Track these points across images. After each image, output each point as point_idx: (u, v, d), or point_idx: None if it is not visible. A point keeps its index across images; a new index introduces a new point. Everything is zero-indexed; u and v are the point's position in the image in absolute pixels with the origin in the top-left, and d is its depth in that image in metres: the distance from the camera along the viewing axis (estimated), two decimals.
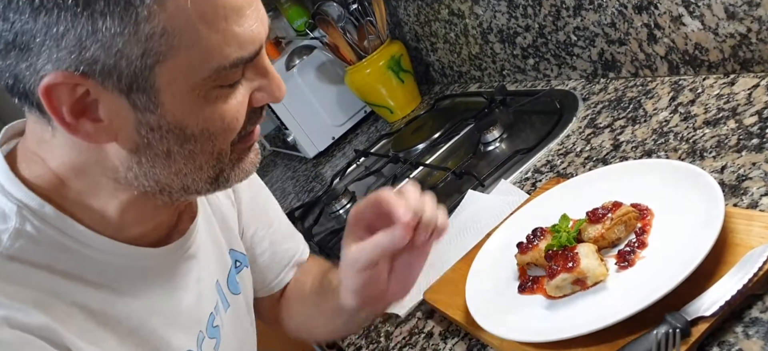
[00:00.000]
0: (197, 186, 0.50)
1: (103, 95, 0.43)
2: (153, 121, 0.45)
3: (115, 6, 0.40)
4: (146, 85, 0.43)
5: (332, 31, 1.37)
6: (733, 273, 0.49)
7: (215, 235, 0.65)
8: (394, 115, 1.44)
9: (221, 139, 0.48)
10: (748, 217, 0.54)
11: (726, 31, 0.74)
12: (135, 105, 0.44)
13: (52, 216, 0.48)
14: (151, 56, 0.42)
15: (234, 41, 0.44)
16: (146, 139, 0.46)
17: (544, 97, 1.02)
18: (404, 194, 0.54)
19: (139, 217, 0.52)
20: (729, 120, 0.69)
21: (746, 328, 0.47)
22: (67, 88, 0.42)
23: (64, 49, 0.41)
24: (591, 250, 0.57)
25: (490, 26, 1.15)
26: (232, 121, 0.48)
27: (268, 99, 0.50)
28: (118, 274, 0.51)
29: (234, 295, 0.67)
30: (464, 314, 0.64)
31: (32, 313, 0.45)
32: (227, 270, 0.67)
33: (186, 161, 0.48)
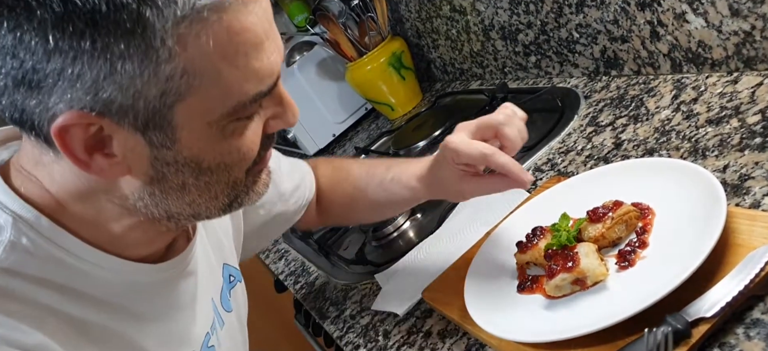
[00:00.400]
0: (209, 213, 0.50)
1: (117, 132, 0.42)
2: (169, 156, 0.44)
3: (135, 49, 0.39)
4: (163, 122, 0.42)
5: (333, 27, 1.37)
6: (735, 274, 0.48)
7: (209, 251, 0.64)
8: (395, 112, 1.43)
9: (237, 169, 0.48)
10: (750, 218, 0.53)
11: (730, 28, 0.73)
12: (151, 142, 0.43)
13: (48, 229, 0.47)
14: (170, 96, 0.41)
15: (253, 77, 0.44)
16: (161, 172, 0.45)
17: (546, 95, 1.01)
18: (508, 139, 0.60)
19: (140, 240, 0.51)
20: (732, 119, 0.68)
21: (747, 330, 0.46)
22: (81, 128, 0.41)
23: (78, 90, 0.40)
24: (591, 249, 0.57)
25: (492, 23, 1.14)
26: (249, 152, 0.47)
27: (282, 125, 0.50)
28: (114, 289, 0.50)
29: (227, 313, 0.66)
30: (463, 313, 0.63)
31: (29, 331, 0.44)
32: (220, 287, 0.65)
33: (201, 193, 0.47)
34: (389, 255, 0.89)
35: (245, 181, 0.50)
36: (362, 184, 0.77)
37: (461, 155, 0.61)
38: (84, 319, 0.48)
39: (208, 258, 0.64)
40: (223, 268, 0.67)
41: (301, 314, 1.07)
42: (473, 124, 0.62)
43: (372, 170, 0.76)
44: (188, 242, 0.58)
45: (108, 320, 0.50)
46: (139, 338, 0.52)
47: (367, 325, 0.78)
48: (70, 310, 0.47)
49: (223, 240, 0.69)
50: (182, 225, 0.52)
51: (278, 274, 1.10)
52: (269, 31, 0.45)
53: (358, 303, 0.84)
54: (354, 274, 0.91)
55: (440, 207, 0.92)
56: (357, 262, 0.92)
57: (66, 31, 0.38)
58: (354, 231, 1.04)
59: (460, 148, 0.61)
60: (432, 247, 0.82)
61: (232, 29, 0.42)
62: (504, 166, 0.60)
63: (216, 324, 0.62)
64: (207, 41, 0.41)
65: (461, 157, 0.61)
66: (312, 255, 1.05)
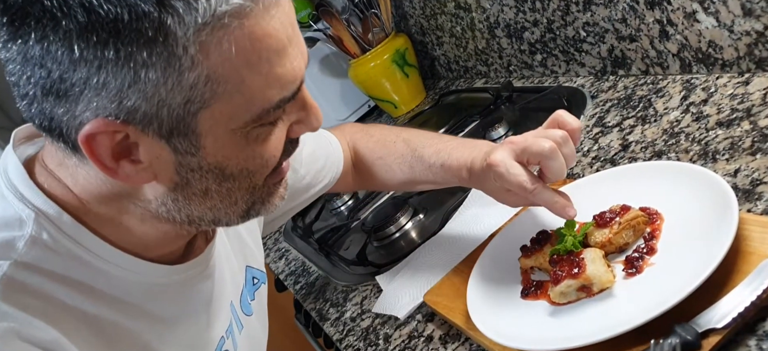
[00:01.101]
0: (229, 219, 0.50)
1: (142, 139, 0.43)
2: (194, 163, 0.45)
3: (157, 57, 0.39)
4: (188, 130, 0.43)
5: (336, 23, 1.35)
6: (747, 283, 0.47)
7: (229, 254, 0.64)
8: (398, 110, 1.42)
9: (259, 175, 0.48)
10: (762, 224, 0.51)
11: (742, 28, 0.71)
12: (176, 149, 0.44)
13: (69, 226, 0.47)
14: (194, 104, 0.42)
15: (276, 83, 0.44)
16: (186, 179, 0.46)
17: (552, 94, 0.99)
18: (551, 172, 0.60)
19: (160, 241, 0.52)
20: (743, 121, 0.66)
21: (760, 342, 0.45)
22: (107, 135, 0.42)
23: (104, 98, 0.40)
24: (597, 255, 0.55)
25: (498, 20, 1.12)
26: (271, 158, 0.48)
27: (305, 130, 0.50)
28: (131, 289, 0.51)
29: (247, 316, 0.66)
30: (465, 318, 0.62)
31: (44, 326, 0.44)
32: (240, 290, 0.65)
33: (222, 199, 0.48)
34: (391, 256, 0.88)
35: (262, 189, 0.50)
36: (407, 164, 0.77)
37: (503, 182, 0.62)
38: (99, 318, 0.48)
39: (229, 260, 0.64)
40: (245, 270, 0.67)
41: (301, 314, 1.06)
42: (520, 145, 0.62)
43: (419, 151, 0.76)
44: (207, 244, 0.58)
45: (124, 320, 0.50)
46: (153, 339, 0.52)
47: (368, 328, 0.77)
48: (86, 308, 0.47)
49: (248, 240, 0.69)
50: (202, 228, 0.52)
51: (278, 273, 1.09)
52: (292, 36, 0.45)
53: (358, 305, 0.83)
54: (355, 275, 0.90)
55: (443, 208, 0.90)
56: (358, 263, 0.91)
57: (90, 40, 0.38)
58: (356, 231, 1.03)
59: (504, 175, 0.62)
60: (434, 248, 0.81)
61: (254, 35, 0.41)
62: (546, 203, 0.61)
63: (233, 327, 0.62)
64: (229, 48, 0.41)
65: (503, 183, 0.62)
66: (312, 254, 1.04)
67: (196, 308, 0.57)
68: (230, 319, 0.62)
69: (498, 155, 0.62)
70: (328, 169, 0.80)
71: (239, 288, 0.65)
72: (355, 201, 1.13)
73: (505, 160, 0.62)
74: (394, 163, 0.79)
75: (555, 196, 0.60)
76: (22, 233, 0.46)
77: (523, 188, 0.60)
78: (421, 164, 0.76)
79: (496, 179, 0.63)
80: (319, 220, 1.15)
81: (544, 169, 0.61)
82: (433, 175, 0.75)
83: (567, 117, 0.62)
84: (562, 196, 0.61)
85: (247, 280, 0.67)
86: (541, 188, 0.60)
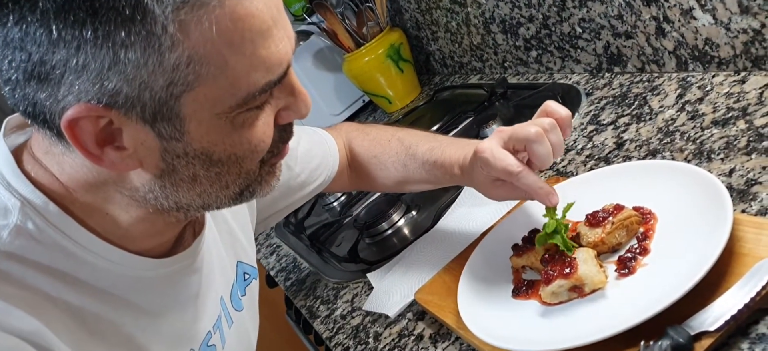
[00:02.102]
0: (219, 203, 0.49)
1: (126, 124, 0.42)
2: (179, 148, 0.44)
3: (136, 36, 0.39)
4: (171, 114, 0.42)
5: (330, 16, 1.34)
6: (740, 285, 0.46)
7: (220, 248, 0.63)
8: (392, 105, 1.40)
9: (248, 160, 0.47)
10: (757, 226, 0.51)
11: (739, 26, 0.70)
12: (160, 134, 0.43)
13: (55, 216, 0.46)
14: (177, 86, 0.41)
15: (261, 66, 0.43)
16: (172, 165, 0.45)
17: (546, 91, 0.98)
18: (536, 157, 0.59)
19: (147, 232, 0.51)
20: (739, 120, 0.65)
21: (753, 345, 0.44)
22: (91, 120, 0.41)
23: (85, 81, 0.40)
24: (590, 255, 0.54)
25: (493, 16, 1.11)
26: (260, 143, 0.47)
27: (294, 116, 0.49)
28: (116, 282, 0.50)
29: (237, 311, 0.65)
30: (456, 318, 0.61)
31: (25, 317, 0.44)
32: (231, 285, 0.65)
33: (212, 183, 0.47)
34: (383, 253, 0.87)
35: (259, 172, 0.49)
36: (401, 163, 0.77)
37: (489, 168, 0.62)
38: (83, 309, 0.48)
39: (220, 255, 0.63)
40: (237, 265, 0.66)
41: (292, 310, 1.05)
42: (507, 132, 0.61)
43: (413, 149, 0.76)
44: (195, 238, 0.57)
45: (108, 312, 0.49)
46: (137, 332, 0.51)
47: (358, 326, 0.76)
48: (69, 299, 0.47)
49: (240, 236, 0.68)
50: (191, 215, 0.51)
51: (269, 269, 1.08)
52: (278, 18, 0.44)
53: (349, 302, 0.82)
54: (346, 273, 0.89)
55: (436, 205, 0.89)
56: (349, 260, 0.90)
57: (67, 20, 0.38)
58: (348, 227, 1.02)
59: (489, 161, 0.61)
60: (426, 246, 0.80)
61: (235, 15, 0.41)
62: (529, 188, 0.60)
63: (222, 322, 0.61)
64: (210, 27, 0.40)
65: (489, 169, 0.62)
66: (304, 251, 1.03)
67: (182, 302, 0.56)
68: (219, 314, 0.61)
69: (485, 143, 0.62)
70: (323, 167, 0.79)
71: (229, 283, 0.64)
72: (348, 197, 1.12)
73: (491, 147, 0.61)
74: (388, 162, 0.78)
75: (540, 182, 0.60)
76: (7, 222, 0.45)
77: (509, 172, 0.60)
78: (414, 162, 0.75)
79: (483, 167, 0.62)
80: (312, 217, 1.14)
81: (531, 154, 0.60)
82: (427, 173, 0.74)
83: (556, 106, 0.61)
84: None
85: (238, 275, 0.66)
86: (526, 172, 0.60)
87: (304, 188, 0.78)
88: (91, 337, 0.48)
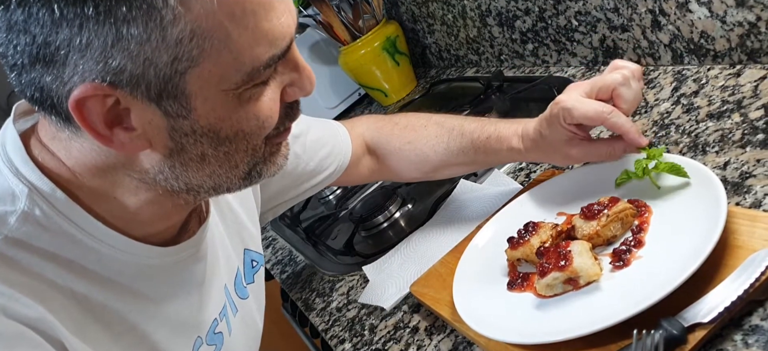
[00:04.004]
0: (230, 184, 0.49)
1: (133, 104, 0.42)
2: (186, 126, 0.44)
3: (137, 10, 0.39)
4: (177, 91, 0.42)
5: (326, 9, 1.33)
6: (734, 277, 0.46)
7: (224, 237, 0.63)
8: (388, 98, 1.40)
9: (256, 137, 0.47)
10: (751, 218, 0.51)
11: (734, 19, 0.70)
12: (166, 112, 0.43)
13: (62, 203, 0.46)
14: (181, 62, 0.41)
15: (264, 39, 0.43)
16: (180, 144, 0.45)
17: (542, 85, 0.98)
18: (625, 101, 0.58)
19: (155, 216, 0.51)
20: (733, 113, 0.66)
21: (746, 337, 0.44)
22: (98, 100, 0.41)
23: (89, 60, 0.40)
24: (585, 248, 0.55)
25: (489, 9, 1.11)
26: (267, 119, 0.47)
27: (299, 94, 0.49)
28: (122, 270, 0.50)
29: (242, 300, 0.65)
30: (451, 310, 0.61)
31: (30, 303, 0.44)
32: (235, 273, 0.64)
33: (221, 163, 0.47)
34: (378, 246, 0.87)
35: (264, 150, 0.49)
36: (443, 146, 0.74)
37: (575, 115, 0.58)
38: (89, 297, 0.48)
39: (224, 243, 0.63)
40: (244, 253, 0.66)
41: (288, 303, 1.05)
42: (588, 83, 0.60)
43: (458, 129, 0.73)
44: (200, 226, 0.57)
45: (114, 300, 0.49)
46: (143, 320, 0.52)
47: (353, 319, 0.76)
48: (75, 287, 0.47)
49: (248, 224, 0.68)
50: (201, 198, 0.51)
51: (265, 262, 1.08)
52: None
53: (345, 295, 0.82)
54: (342, 265, 0.89)
55: (431, 198, 0.89)
56: (345, 253, 0.90)
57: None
58: (343, 220, 1.02)
59: (575, 106, 0.58)
60: (422, 239, 0.80)
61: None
62: (622, 127, 0.58)
63: (227, 310, 0.61)
64: (212, 1, 0.40)
65: (575, 116, 0.59)
66: (300, 244, 1.03)
67: (187, 290, 0.56)
68: (224, 302, 0.61)
69: (564, 94, 0.60)
70: (334, 156, 0.78)
71: (234, 271, 0.64)
72: (344, 190, 1.12)
73: (574, 96, 0.59)
74: (426, 147, 0.76)
75: (629, 122, 0.58)
76: (15, 209, 0.45)
77: (599, 111, 0.57)
78: (460, 141, 0.73)
79: (566, 117, 0.59)
80: (307, 210, 1.14)
81: (618, 100, 0.58)
82: (474, 152, 0.72)
83: (625, 62, 0.60)
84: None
85: (245, 263, 0.66)
86: (617, 112, 0.58)
87: (315, 176, 0.77)
88: (97, 324, 0.48)
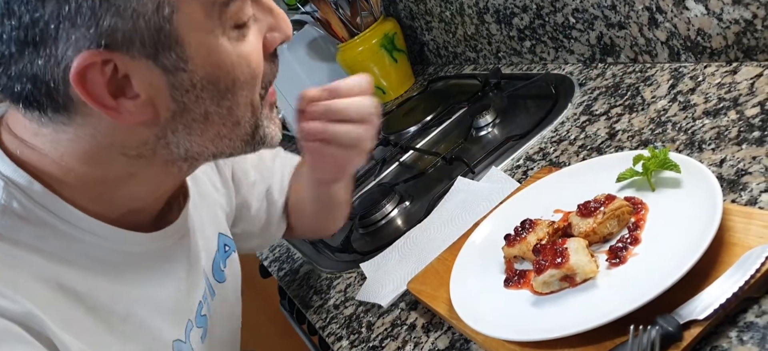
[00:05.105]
0: (233, 146, 0.49)
1: (132, 67, 0.42)
2: (186, 80, 0.44)
3: None
4: (170, 40, 0.42)
5: (324, 6, 1.33)
6: (729, 275, 0.46)
7: (203, 221, 0.64)
8: (386, 95, 1.40)
9: (251, 87, 0.48)
10: (746, 215, 0.51)
11: (731, 16, 0.70)
12: (165, 67, 0.43)
13: (40, 194, 0.46)
14: (165, 7, 0.41)
15: None
16: (183, 104, 0.45)
17: (540, 82, 0.98)
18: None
19: (144, 194, 0.51)
20: (730, 111, 0.66)
21: (741, 333, 0.45)
22: (98, 69, 0.41)
23: (80, 27, 0.40)
24: (581, 245, 0.55)
25: (487, 6, 1.11)
26: (257, 65, 0.48)
27: (279, 37, 0.50)
28: (108, 258, 0.50)
29: (219, 283, 0.65)
30: (448, 307, 0.61)
31: (15, 298, 0.43)
32: (212, 258, 0.65)
33: (225, 121, 0.47)
34: (376, 243, 0.87)
35: (262, 110, 0.50)
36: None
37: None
38: (77, 289, 0.47)
39: (202, 227, 0.63)
40: (218, 237, 0.66)
41: (285, 300, 1.05)
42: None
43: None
44: (181, 211, 0.57)
45: (103, 289, 0.49)
46: (136, 307, 0.51)
47: (351, 316, 0.76)
48: (61, 279, 0.46)
49: (219, 209, 0.68)
50: (197, 166, 0.52)
51: (263, 259, 1.08)
52: None
53: (342, 292, 0.82)
54: (339, 263, 0.89)
55: (429, 195, 0.90)
56: (343, 250, 0.90)
57: None
58: None
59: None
60: (419, 236, 0.80)
61: None
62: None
63: (207, 293, 0.62)
64: None
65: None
66: (297, 241, 1.03)
67: (176, 274, 0.56)
68: (204, 286, 0.61)
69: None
70: (280, 171, 0.80)
71: (211, 255, 0.65)
72: None
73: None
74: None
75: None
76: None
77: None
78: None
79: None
80: None
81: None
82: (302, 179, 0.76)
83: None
84: None
85: (219, 246, 0.66)
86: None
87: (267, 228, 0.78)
88: (88, 316, 0.47)
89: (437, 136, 1.08)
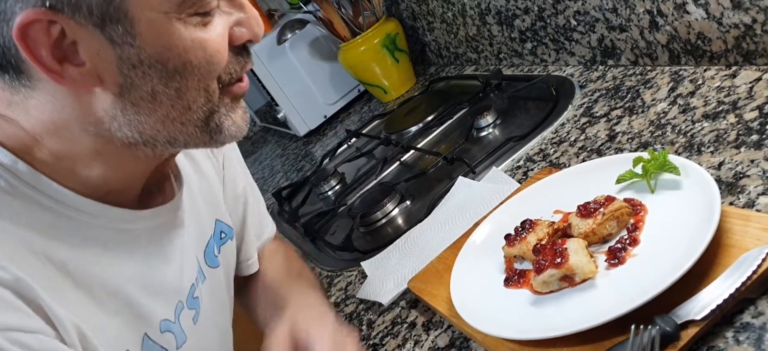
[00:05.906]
0: (186, 134, 0.48)
1: (79, 33, 0.42)
2: (133, 55, 0.44)
3: None
4: (119, 14, 0.42)
5: (326, 5, 1.33)
6: (727, 276, 0.47)
7: (199, 205, 0.63)
8: (388, 95, 1.41)
9: (206, 73, 0.46)
10: (744, 218, 0.51)
11: (730, 20, 0.71)
12: (112, 40, 0.43)
13: (25, 173, 0.46)
14: None
15: None
16: (129, 78, 0.44)
17: (540, 83, 0.99)
18: None
19: (117, 175, 0.50)
20: (729, 114, 0.66)
21: (737, 334, 0.45)
22: (42, 28, 0.41)
23: None
24: (581, 245, 0.55)
25: (489, 7, 1.11)
26: (215, 53, 0.46)
27: (247, 35, 0.49)
28: (97, 235, 0.49)
29: (211, 269, 0.65)
30: (448, 306, 0.62)
31: (5, 265, 0.43)
32: (205, 242, 0.64)
33: (173, 103, 0.46)
34: (377, 242, 0.88)
35: (222, 99, 0.49)
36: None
37: None
38: (66, 263, 0.47)
39: (199, 211, 0.63)
40: (215, 223, 0.66)
41: None
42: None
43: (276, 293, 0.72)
44: (177, 192, 0.57)
45: (93, 265, 0.49)
46: (127, 285, 0.51)
47: (351, 314, 0.77)
48: (51, 253, 0.46)
49: (219, 196, 0.68)
50: (158, 153, 0.50)
51: None
52: None
53: (343, 290, 0.83)
54: (340, 261, 0.90)
55: (430, 195, 0.90)
56: (344, 249, 0.91)
57: None
58: (342, 216, 1.03)
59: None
60: (420, 236, 0.81)
61: None
62: None
63: (199, 277, 0.61)
64: None
65: None
66: (298, 239, 1.03)
67: (168, 255, 0.56)
68: (196, 270, 0.61)
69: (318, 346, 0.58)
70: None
71: (205, 239, 0.64)
72: (343, 186, 1.13)
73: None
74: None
75: None
76: None
77: None
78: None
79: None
80: (306, 205, 1.14)
81: None
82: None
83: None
84: None
85: (215, 232, 0.66)
86: None
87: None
88: (78, 290, 0.47)
89: (438, 136, 1.09)
